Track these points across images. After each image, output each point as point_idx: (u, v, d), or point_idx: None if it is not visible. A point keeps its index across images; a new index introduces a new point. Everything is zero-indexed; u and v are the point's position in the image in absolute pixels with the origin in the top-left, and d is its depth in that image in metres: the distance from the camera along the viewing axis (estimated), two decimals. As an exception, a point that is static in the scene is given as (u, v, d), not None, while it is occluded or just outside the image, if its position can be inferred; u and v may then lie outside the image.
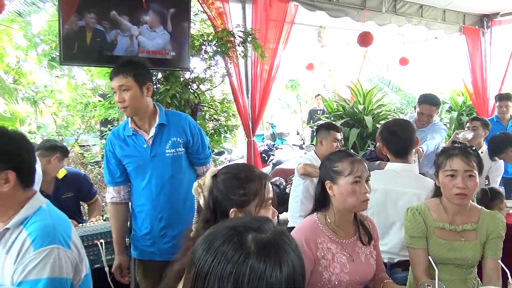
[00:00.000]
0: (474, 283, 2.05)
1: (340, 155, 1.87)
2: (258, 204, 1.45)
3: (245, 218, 0.91)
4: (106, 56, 2.71)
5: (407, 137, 2.51)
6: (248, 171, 1.51)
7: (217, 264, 0.79)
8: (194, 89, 3.87)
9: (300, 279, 0.82)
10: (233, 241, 0.81)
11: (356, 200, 1.79)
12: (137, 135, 2.44)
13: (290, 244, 0.84)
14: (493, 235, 1.99)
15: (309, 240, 1.79)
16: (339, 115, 5.93)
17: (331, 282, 1.78)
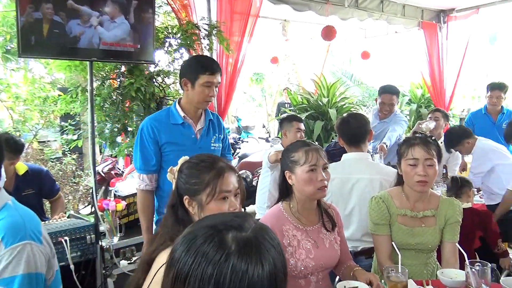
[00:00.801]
0: (434, 266, 2.15)
1: (296, 145, 1.94)
2: (210, 195, 1.47)
3: (225, 216, 0.88)
4: (66, 48, 2.62)
5: (358, 126, 2.69)
6: (209, 162, 1.53)
7: (197, 265, 0.76)
8: (159, 83, 3.81)
9: (282, 275, 0.81)
10: (213, 241, 0.79)
11: (313, 188, 1.85)
12: (187, 125, 2.51)
13: (271, 241, 0.83)
14: (451, 220, 2.10)
15: (275, 228, 1.84)
16: (303, 108, 6.00)
17: (297, 268, 1.83)
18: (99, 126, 3.70)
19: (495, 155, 3.65)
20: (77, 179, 5.30)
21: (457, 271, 1.90)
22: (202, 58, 2.60)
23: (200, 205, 1.49)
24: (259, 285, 0.76)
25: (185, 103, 2.53)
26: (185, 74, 2.48)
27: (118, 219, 2.99)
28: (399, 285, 1.64)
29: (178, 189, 1.55)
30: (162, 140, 2.46)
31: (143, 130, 2.48)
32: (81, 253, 2.70)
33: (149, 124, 2.47)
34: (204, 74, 2.42)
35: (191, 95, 2.48)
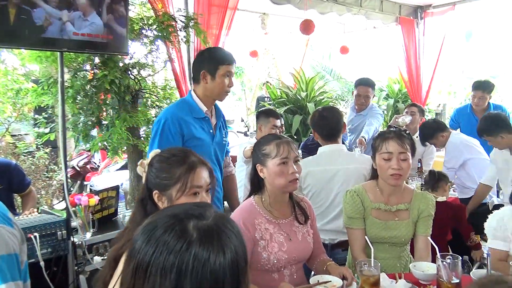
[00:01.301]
0: (407, 259, 2.17)
1: (267, 138, 1.93)
2: (180, 190, 1.44)
3: (185, 205, 0.89)
4: (36, 38, 2.52)
5: (334, 121, 2.72)
6: (181, 156, 1.50)
7: (159, 254, 0.77)
8: (134, 75, 3.73)
9: (243, 263, 0.82)
10: (174, 230, 0.79)
11: (285, 181, 1.85)
12: (207, 119, 2.48)
13: (232, 229, 0.84)
14: (424, 214, 2.12)
15: (247, 221, 1.83)
16: (282, 102, 5.99)
17: (270, 262, 1.83)
18: (72, 119, 3.60)
19: (467, 150, 3.72)
20: (51, 173, 5.17)
21: (429, 264, 1.92)
22: (219, 49, 2.57)
23: (170, 200, 1.45)
24: (221, 272, 0.77)
25: (202, 96, 2.47)
26: (204, 66, 2.42)
27: (91, 214, 2.92)
28: (372, 279, 1.64)
29: (148, 183, 1.51)
30: (188, 134, 2.38)
31: (166, 122, 2.36)
32: (51, 250, 2.62)
33: (174, 117, 2.38)
34: (224, 65, 2.41)
35: (211, 87, 2.43)
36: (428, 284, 1.77)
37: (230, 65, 2.44)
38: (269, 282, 1.83)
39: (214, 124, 2.53)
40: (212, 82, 2.42)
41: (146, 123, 3.93)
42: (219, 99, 2.53)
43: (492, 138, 3.21)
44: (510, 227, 1.96)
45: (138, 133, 3.90)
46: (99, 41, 2.73)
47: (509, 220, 1.97)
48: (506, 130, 3.18)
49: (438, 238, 2.40)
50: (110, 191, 3.19)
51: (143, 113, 3.75)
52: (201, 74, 2.42)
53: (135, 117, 3.58)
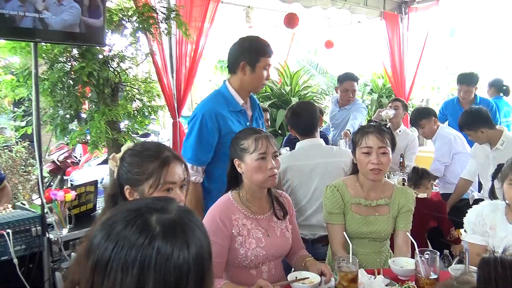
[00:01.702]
0: (387, 255, 2.16)
1: (245, 132, 1.89)
2: (153, 186, 1.39)
3: (146, 200, 0.87)
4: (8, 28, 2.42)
5: (309, 117, 2.70)
6: (155, 150, 1.45)
7: (120, 249, 0.74)
8: (114, 68, 3.65)
9: (207, 257, 0.80)
10: (136, 224, 0.76)
11: (263, 176, 1.81)
12: (243, 112, 2.38)
13: (196, 222, 0.82)
14: (404, 209, 2.11)
15: (224, 217, 1.80)
16: (267, 96, 5.96)
17: (247, 258, 1.80)
18: (50, 112, 3.51)
19: (457, 144, 3.73)
20: (29, 168, 5.05)
21: (408, 259, 1.91)
22: (260, 40, 2.46)
23: (142, 196, 1.40)
24: (185, 267, 0.75)
25: (238, 88, 2.38)
26: (244, 57, 2.33)
27: (68, 210, 2.85)
28: (350, 275, 1.62)
29: (119, 179, 1.46)
30: (225, 129, 2.30)
31: (204, 118, 2.28)
32: (26, 246, 2.55)
33: (211, 112, 2.29)
34: (265, 57, 2.33)
35: (249, 79, 2.34)
36: (407, 280, 1.76)
37: (270, 58, 2.37)
38: (246, 279, 1.80)
39: (250, 115, 2.44)
40: (251, 74, 2.33)
41: (127, 116, 3.85)
42: (255, 91, 2.47)
43: (473, 132, 3.22)
44: (488, 221, 1.96)
45: (119, 127, 3.83)
46: (75, 32, 2.65)
47: (488, 214, 1.97)
48: (487, 125, 3.19)
49: (418, 234, 2.41)
50: (88, 186, 3.12)
51: (123, 106, 3.67)
52: (240, 65, 2.33)
53: (115, 110, 3.51)
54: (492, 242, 1.94)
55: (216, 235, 1.76)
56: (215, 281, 1.72)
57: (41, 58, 3.29)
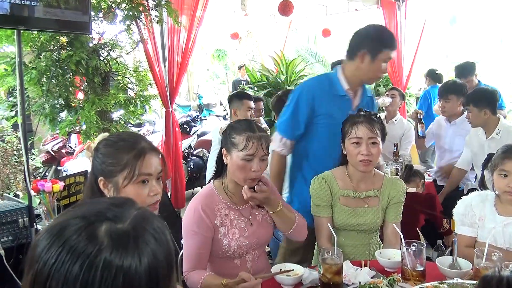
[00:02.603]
0: (376, 246, 2.13)
1: (241, 126, 1.81)
2: (127, 177, 1.35)
3: (101, 204, 0.76)
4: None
5: None
6: (130, 141, 1.41)
7: (61, 265, 0.65)
8: (104, 56, 3.60)
9: (165, 267, 0.72)
10: (81, 235, 0.67)
11: (244, 176, 1.77)
12: (347, 98, 2.33)
13: (153, 232, 0.73)
14: (394, 201, 2.07)
15: (206, 208, 1.77)
16: (262, 85, 5.91)
17: (231, 248, 1.78)
18: (39, 102, 3.47)
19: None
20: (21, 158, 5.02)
21: (395, 251, 1.88)
22: (386, 31, 2.36)
23: (116, 188, 1.37)
24: (136, 281, 0.66)
25: (351, 75, 2.32)
26: (366, 45, 2.26)
27: (57, 201, 2.82)
28: (334, 267, 1.59)
29: (94, 169, 1.42)
30: (320, 110, 2.27)
31: (300, 95, 2.28)
32: (13, 238, 2.54)
33: (310, 91, 2.28)
34: (388, 49, 2.25)
35: (365, 69, 2.27)
36: (393, 272, 1.73)
37: (393, 51, 2.28)
38: (231, 269, 1.78)
39: (355, 105, 2.37)
40: (369, 64, 2.25)
41: (119, 106, 3.81)
42: (368, 83, 2.41)
43: (476, 110, 3.10)
44: (477, 213, 1.92)
45: (110, 117, 3.79)
46: (60, 19, 2.59)
47: (477, 205, 1.93)
48: (491, 108, 3.11)
49: (409, 226, 2.38)
50: (78, 176, 3.09)
51: (114, 96, 3.63)
52: (360, 53, 2.26)
53: (105, 100, 3.46)
54: (481, 233, 1.91)
55: (199, 226, 1.73)
56: (198, 273, 1.70)
57: (28, 47, 3.24)
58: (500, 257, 1.57)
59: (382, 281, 1.52)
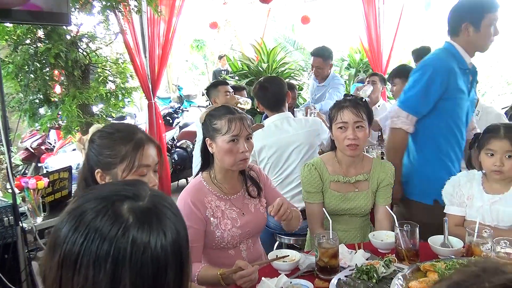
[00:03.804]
0: (368, 229, 2.16)
1: (220, 112, 1.80)
2: (126, 169, 1.33)
3: (116, 185, 0.80)
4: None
5: (276, 91, 2.70)
6: (126, 132, 1.38)
7: (90, 243, 0.67)
8: (83, 48, 3.51)
9: (185, 244, 0.76)
10: (107, 214, 0.70)
11: (234, 160, 1.76)
12: (467, 73, 2.25)
13: (171, 207, 0.77)
14: (383, 183, 2.10)
15: (196, 201, 1.76)
16: (244, 74, 5.87)
17: (224, 239, 1.78)
18: (17, 97, 3.37)
19: None
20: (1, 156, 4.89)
21: (388, 232, 1.91)
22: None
23: (114, 180, 1.34)
24: (163, 258, 0.70)
25: (464, 49, 2.25)
26: (465, 18, 2.19)
27: (42, 198, 2.76)
28: (330, 251, 1.60)
29: (89, 161, 1.39)
30: (452, 85, 2.18)
31: (434, 72, 2.18)
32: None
33: (444, 67, 2.19)
34: (490, 12, 2.15)
35: (475, 39, 2.20)
36: (387, 253, 1.76)
37: (497, 12, 2.17)
38: (226, 259, 1.78)
39: (471, 80, 2.31)
40: (475, 33, 2.18)
41: (100, 99, 3.74)
42: (482, 50, 2.30)
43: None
44: (465, 192, 1.96)
45: (91, 111, 3.72)
46: (34, 10, 2.50)
47: (465, 185, 1.97)
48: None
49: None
50: (62, 172, 3.02)
51: (95, 89, 3.56)
52: (463, 27, 2.20)
53: (86, 93, 3.39)
54: (469, 212, 1.95)
55: (190, 219, 1.71)
56: (193, 266, 1.69)
57: (4, 41, 3.14)
58: (490, 234, 1.61)
59: (378, 262, 1.54)
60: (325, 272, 1.61)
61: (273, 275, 1.62)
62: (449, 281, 0.45)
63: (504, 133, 1.83)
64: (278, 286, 1.51)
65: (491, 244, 1.54)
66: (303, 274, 1.66)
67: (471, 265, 0.46)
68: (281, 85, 2.74)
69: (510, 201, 1.86)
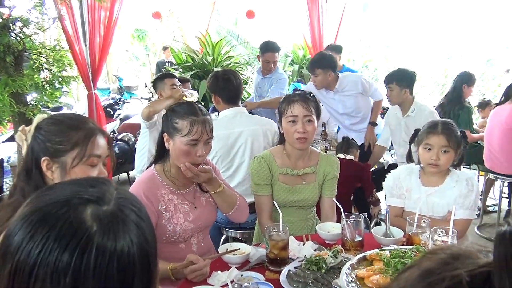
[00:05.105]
0: (314, 221, 2.23)
1: (184, 110, 1.76)
2: (77, 157, 1.27)
3: (77, 185, 0.71)
4: None
5: (238, 84, 2.70)
6: (77, 120, 1.32)
7: (48, 254, 0.60)
8: (16, 33, 3.28)
9: (153, 250, 0.70)
10: (68, 221, 0.62)
11: (189, 162, 1.73)
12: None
13: (138, 211, 0.70)
14: (329, 176, 2.17)
15: (149, 193, 1.72)
16: (188, 66, 5.78)
17: (176, 233, 1.75)
18: None
19: None
20: None
21: (334, 224, 1.98)
22: None
23: (63, 169, 1.27)
24: (130, 266, 0.64)
25: None
26: None
27: (-31, 193, 2.55)
28: (280, 243, 1.63)
29: (33, 151, 1.30)
30: None
31: None
32: None
33: None
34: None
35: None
36: (333, 244, 1.82)
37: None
38: (176, 254, 1.75)
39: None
40: None
41: (35, 88, 3.52)
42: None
43: (398, 88, 3.28)
44: (404, 184, 2.08)
45: (25, 100, 3.49)
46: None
47: (404, 178, 2.09)
48: (410, 89, 3.32)
49: (344, 197, 2.51)
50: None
51: (30, 77, 3.34)
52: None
53: (19, 81, 3.18)
54: (408, 203, 2.07)
55: None
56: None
57: None
58: (428, 223, 1.72)
59: (327, 253, 1.60)
60: (275, 264, 1.64)
61: (224, 269, 1.62)
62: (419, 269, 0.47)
63: (441, 129, 1.96)
64: (229, 279, 1.52)
65: (429, 233, 1.65)
66: (253, 267, 1.68)
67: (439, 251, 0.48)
68: (240, 79, 2.74)
69: (443, 193, 2.00)
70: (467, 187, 1.96)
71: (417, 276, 0.46)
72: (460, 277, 0.42)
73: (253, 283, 1.44)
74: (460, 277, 0.42)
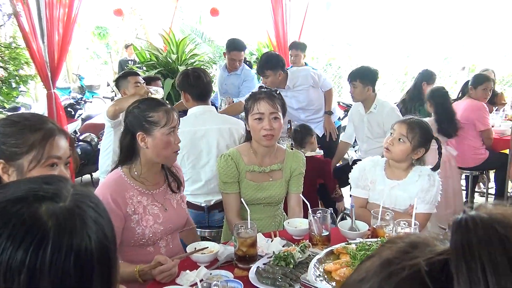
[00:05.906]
0: (281, 217, 2.25)
1: (152, 104, 1.76)
2: (34, 160, 1.23)
3: (32, 183, 0.69)
4: None
5: (208, 81, 2.70)
6: (34, 121, 1.27)
7: (1, 252, 0.60)
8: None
9: (113, 246, 0.69)
10: (22, 219, 0.61)
11: (170, 151, 1.76)
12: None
13: (96, 207, 0.70)
14: (295, 173, 2.20)
15: (116, 196, 1.68)
16: (152, 65, 5.67)
17: (145, 236, 1.72)
18: None
19: None
20: None
21: (301, 220, 2.01)
22: None
23: (20, 172, 1.22)
24: (88, 263, 0.63)
25: None
26: None
27: None
28: (249, 240, 1.64)
29: None
30: None
31: None
32: None
33: None
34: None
35: None
36: (301, 239, 1.84)
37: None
38: (144, 257, 1.71)
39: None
40: None
41: (-11, 88, 3.37)
42: None
43: (362, 86, 3.33)
44: (369, 176, 2.14)
45: (-21, 100, 3.33)
46: None
47: (369, 170, 2.15)
48: (373, 86, 3.39)
49: (310, 193, 2.54)
50: None
51: (-17, 75, 3.19)
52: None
53: (-28, 80, 3.03)
54: (372, 195, 2.13)
55: None
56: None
57: None
58: (392, 217, 1.77)
59: (295, 248, 1.61)
60: (244, 261, 1.64)
61: (192, 268, 1.61)
62: (379, 259, 0.47)
63: (408, 121, 2.09)
64: (198, 278, 1.51)
65: (393, 226, 1.70)
66: (222, 265, 1.67)
67: (398, 240, 0.49)
68: (209, 76, 2.74)
69: (406, 187, 2.07)
70: (429, 182, 2.03)
71: (377, 266, 0.46)
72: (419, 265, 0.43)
73: (222, 281, 1.44)
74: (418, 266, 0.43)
